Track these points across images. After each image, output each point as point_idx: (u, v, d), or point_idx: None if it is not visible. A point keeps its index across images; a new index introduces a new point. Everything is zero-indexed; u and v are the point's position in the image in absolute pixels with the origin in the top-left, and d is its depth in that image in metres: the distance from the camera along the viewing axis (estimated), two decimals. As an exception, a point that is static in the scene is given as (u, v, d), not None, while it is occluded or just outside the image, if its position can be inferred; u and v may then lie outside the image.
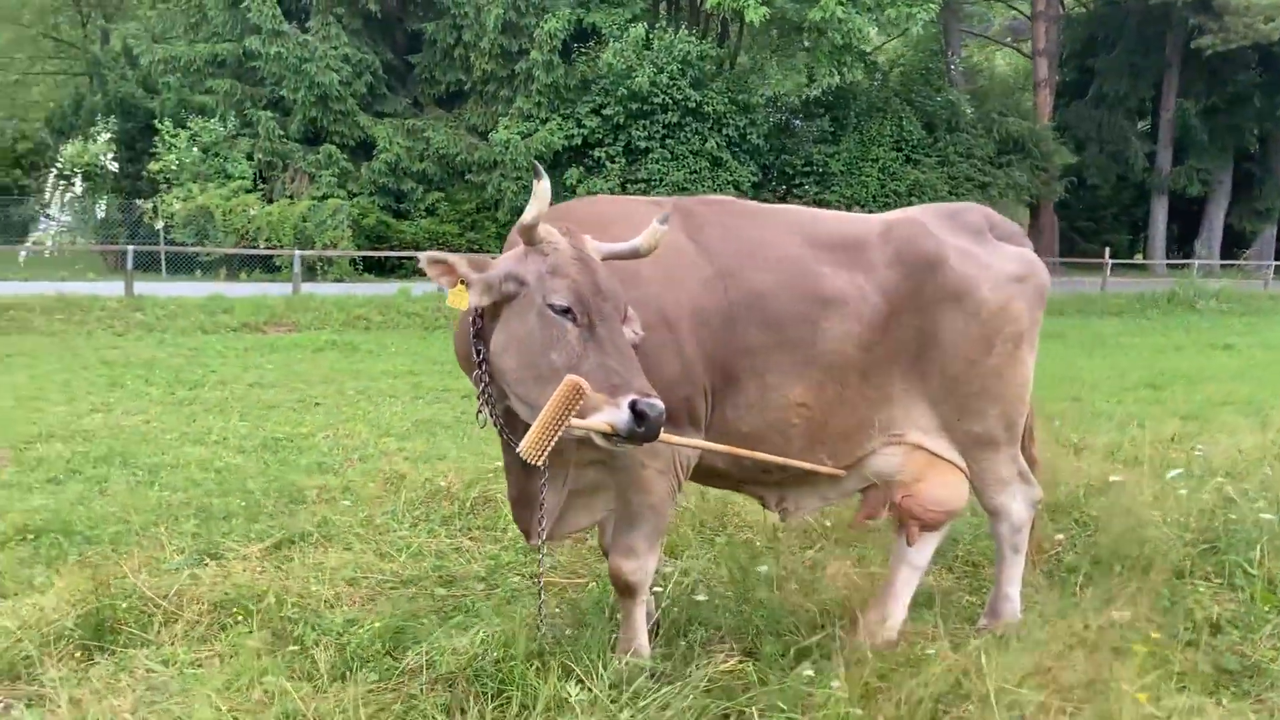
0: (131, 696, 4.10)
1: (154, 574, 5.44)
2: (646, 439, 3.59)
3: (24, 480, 7.75)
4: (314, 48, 28.34)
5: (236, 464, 8.41)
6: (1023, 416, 4.89)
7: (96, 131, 27.88)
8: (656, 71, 28.91)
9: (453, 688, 4.07)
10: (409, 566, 5.88)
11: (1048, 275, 4.95)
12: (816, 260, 4.52)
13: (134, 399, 11.69)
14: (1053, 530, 6.27)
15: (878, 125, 32.67)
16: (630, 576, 4.34)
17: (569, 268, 3.78)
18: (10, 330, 17.46)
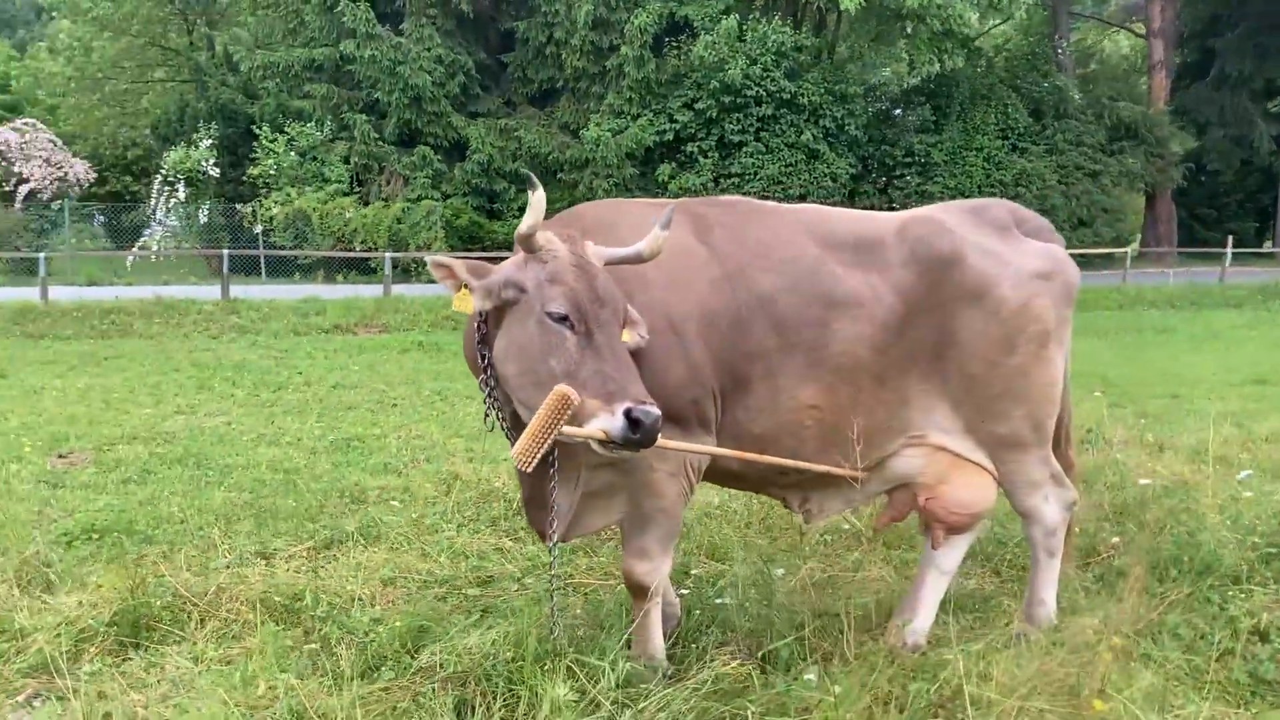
0: (153, 692, 4.13)
1: (199, 573, 5.47)
2: (642, 446, 3.61)
3: (100, 481, 7.88)
4: (407, 50, 28.56)
5: (306, 465, 8.44)
6: (1052, 418, 4.70)
7: (199, 138, 28.54)
8: (750, 63, 28.48)
9: (464, 686, 4.01)
10: (447, 567, 5.82)
11: (1076, 272, 4.73)
12: (828, 261, 4.43)
13: (218, 401, 11.81)
14: (1111, 533, 6.03)
15: (982, 113, 31.78)
16: (643, 579, 4.32)
17: (567, 275, 3.80)
18: (111, 333, 17.90)
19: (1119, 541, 5.98)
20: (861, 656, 4.26)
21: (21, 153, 29.31)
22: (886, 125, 32.55)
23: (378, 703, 3.93)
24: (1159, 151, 34.39)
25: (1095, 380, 12.65)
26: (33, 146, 29.67)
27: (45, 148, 30.05)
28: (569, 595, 5.42)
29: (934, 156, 30.87)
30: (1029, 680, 3.84)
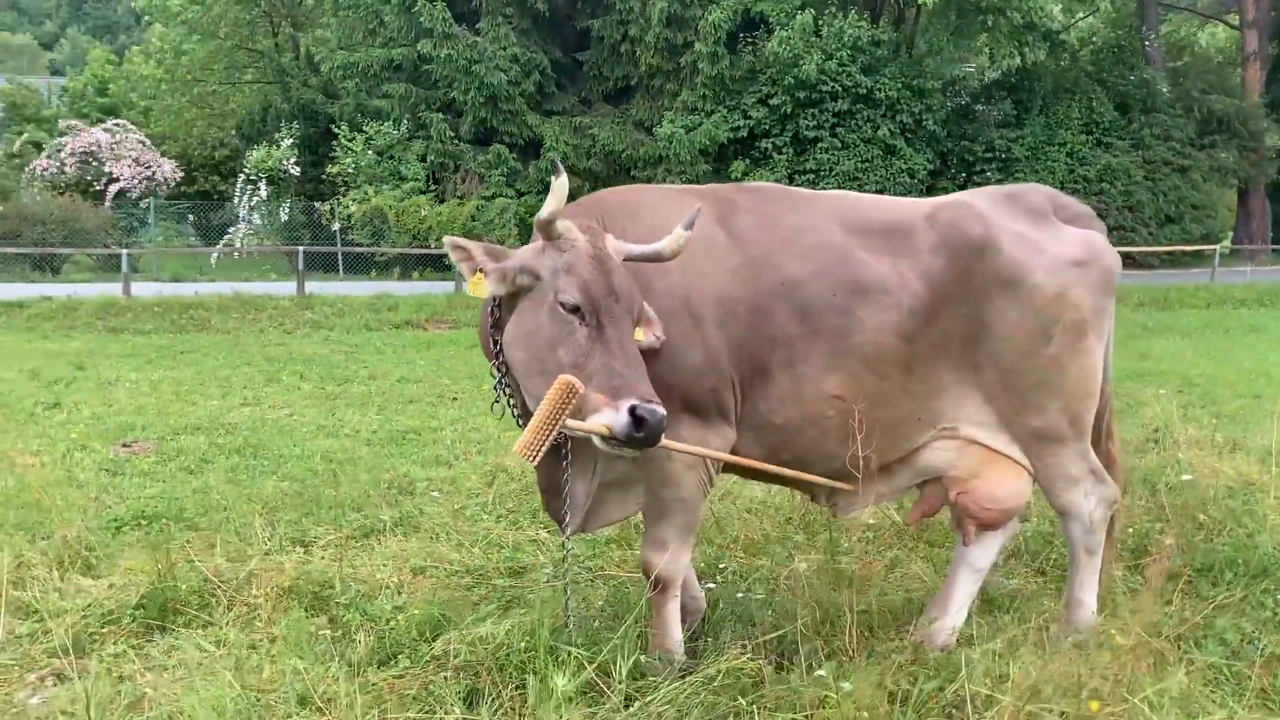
0: (169, 675, 4.18)
1: (235, 559, 5.56)
2: (645, 445, 3.60)
3: (158, 469, 8.07)
4: (483, 49, 28.80)
5: (359, 456, 8.53)
6: (1090, 411, 4.54)
7: (280, 137, 29.12)
8: (825, 58, 28.20)
9: (475, 676, 3.99)
10: (479, 557, 5.84)
11: (1115, 259, 4.56)
12: (855, 247, 4.32)
13: (284, 393, 12.01)
14: (1166, 533, 5.85)
15: (1065, 107, 31.04)
16: (661, 571, 4.26)
17: (583, 267, 3.77)
18: (189, 328, 18.33)
19: (1173, 543, 5.83)
20: (882, 654, 4.16)
21: (112, 153, 30.24)
22: (966, 120, 31.96)
23: (387, 690, 3.92)
24: (1253, 145, 33.25)
25: (1176, 379, 12.29)
26: (123, 147, 30.58)
27: (135, 148, 30.97)
28: (598, 586, 5.40)
29: (1015, 152, 30.22)
30: (1044, 682, 3.72)
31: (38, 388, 11.92)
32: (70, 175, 29.56)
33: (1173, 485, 6.83)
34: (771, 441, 4.30)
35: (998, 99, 31.53)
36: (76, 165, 29.89)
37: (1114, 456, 4.88)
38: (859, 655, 4.17)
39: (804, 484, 4.54)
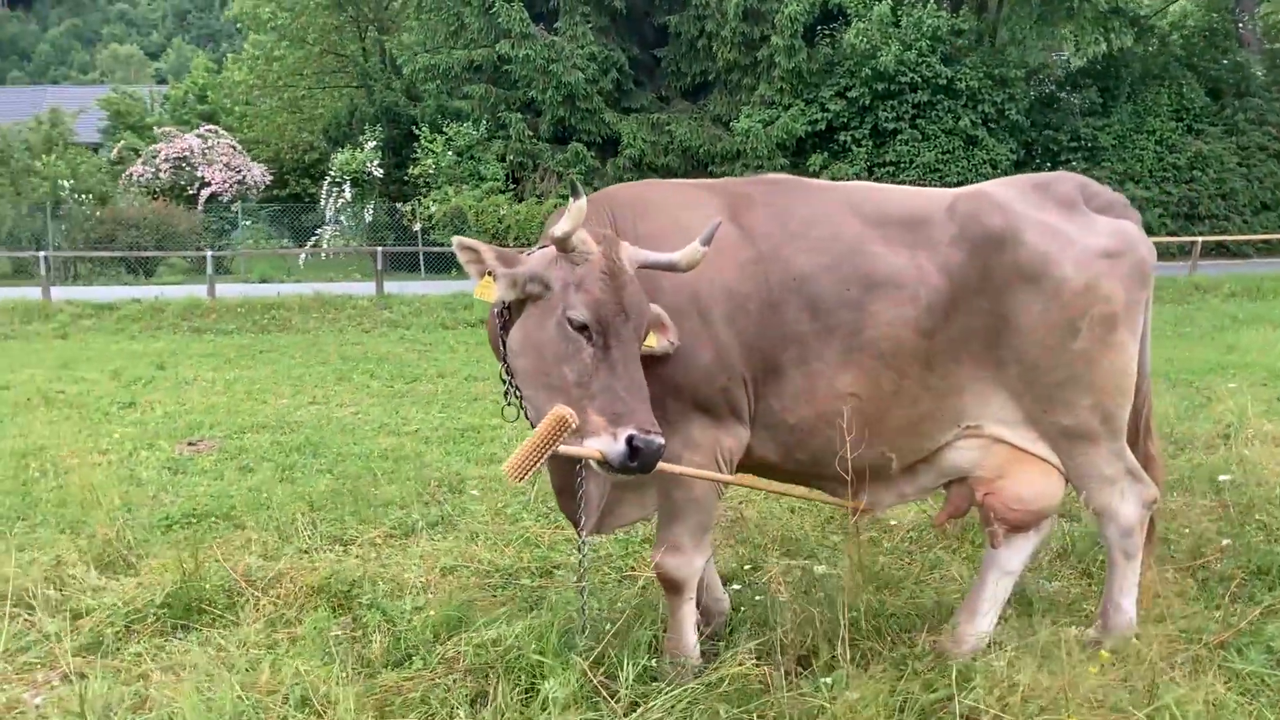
0: (180, 675, 4.20)
1: (271, 558, 5.66)
2: (639, 472, 3.57)
3: (218, 467, 8.27)
4: (560, 48, 28.97)
5: (416, 453, 8.64)
6: (1124, 408, 4.35)
7: (364, 139, 29.63)
8: (904, 49, 27.78)
9: (484, 678, 4.00)
10: (510, 557, 5.85)
11: (1149, 250, 4.38)
12: (870, 239, 4.20)
13: (353, 392, 12.23)
14: (1224, 534, 5.70)
15: (1154, 94, 30.13)
16: (675, 573, 4.22)
17: (594, 283, 3.70)
18: (271, 328, 18.77)
19: (1229, 544, 5.62)
20: (896, 661, 4.10)
21: (204, 158, 31.11)
22: (1051, 109, 31.16)
23: (392, 692, 3.94)
24: (1355, 129, 31.89)
25: (1262, 372, 11.84)
26: (214, 152, 31.44)
27: (226, 152, 31.81)
28: (627, 587, 5.39)
29: (1101, 140, 29.43)
30: (1056, 691, 3.62)
31: (117, 388, 12.32)
32: (164, 180, 30.50)
33: (1237, 484, 6.63)
34: (786, 441, 4.23)
35: (1083, 86, 30.69)
36: (170, 170, 30.82)
37: (1153, 456, 4.69)
38: (875, 661, 4.11)
39: (824, 481, 4.44)
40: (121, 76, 73.43)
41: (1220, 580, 5.09)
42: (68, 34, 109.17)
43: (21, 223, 25.18)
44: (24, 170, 27.90)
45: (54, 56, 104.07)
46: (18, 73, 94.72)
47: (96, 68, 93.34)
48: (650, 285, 4.01)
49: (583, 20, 29.78)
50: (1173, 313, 20.00)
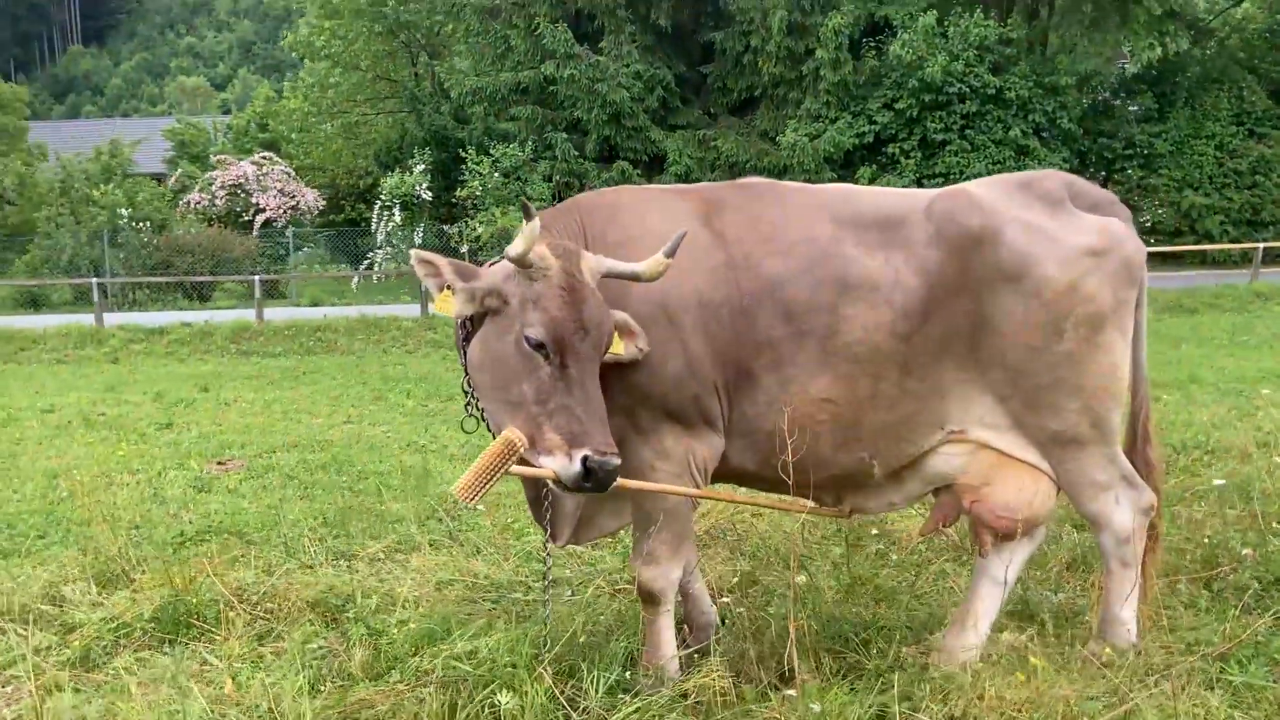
0: (156, 689, 4.21)
1: (266, 574, 5.65)
2: (593, 491, 3.58)
3: (243, 486, 8.35)
4: (605, 67, 29.09)
5: (439, 470, 8.63)
6: (1114, 411, 4.20)
7: (413, 163, 29.94)
8: (951, 59, 27.47)
9: (456, 691, 3.94)
10: (505, 570, 5.80)
11: (1138, 248, 4.23)
12: (844, 241, 4.13)
13: (387, 411, 12.30)
14: (1245, 544, 5.49)
15: (1213, 98, 29.49)
16: (651, 584, 4.17)
17: (552, 301, 3.67)
18: (317, 350, 19.01)
19: (1250, 554, 5.43)
20: (882, 671, 4.01)
21: (259, 184, 31.69)
22: (1105, 117, 30.60)
23: (363, 705, 3.91)
24: None
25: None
26: (269, 178, 32.02)
27: (280, 179, 32.38)
28: (619, 601, 5.32)
29: (1158, 147, 28.85)
30: (1022, 702, 3.50)
31: (158, 410, 12.52)
32: (220, 207, 31.11)
33: (1269, 493, 6.41)
34: (763, 448, 4.15)
35: (1138, 92, 30.10)
36: (226, 197, 31.44)
37: (1152, 462, 4.53)
38: (858, 675, 4.04)
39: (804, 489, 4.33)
40: (188, 108, 75.17)
41: (1235, 590, 4.91)
42: (138, 68, 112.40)
43: (80, 251, 25.82)
44: (83, 200, 28.62)
45: (125, 90, 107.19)
46: (91, 106, 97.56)
47: (165, 99, 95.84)
48: (618, 292, 3.97)
49: (628, 39, 29.88)
50: (1231, 321, 19.58)
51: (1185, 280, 24.16)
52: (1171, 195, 28.63)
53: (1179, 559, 5.38)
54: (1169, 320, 19.65)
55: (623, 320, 3.89)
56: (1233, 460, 7.60)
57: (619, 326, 3.88)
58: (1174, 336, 17.03)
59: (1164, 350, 14.93)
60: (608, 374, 3.89)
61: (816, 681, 3.79)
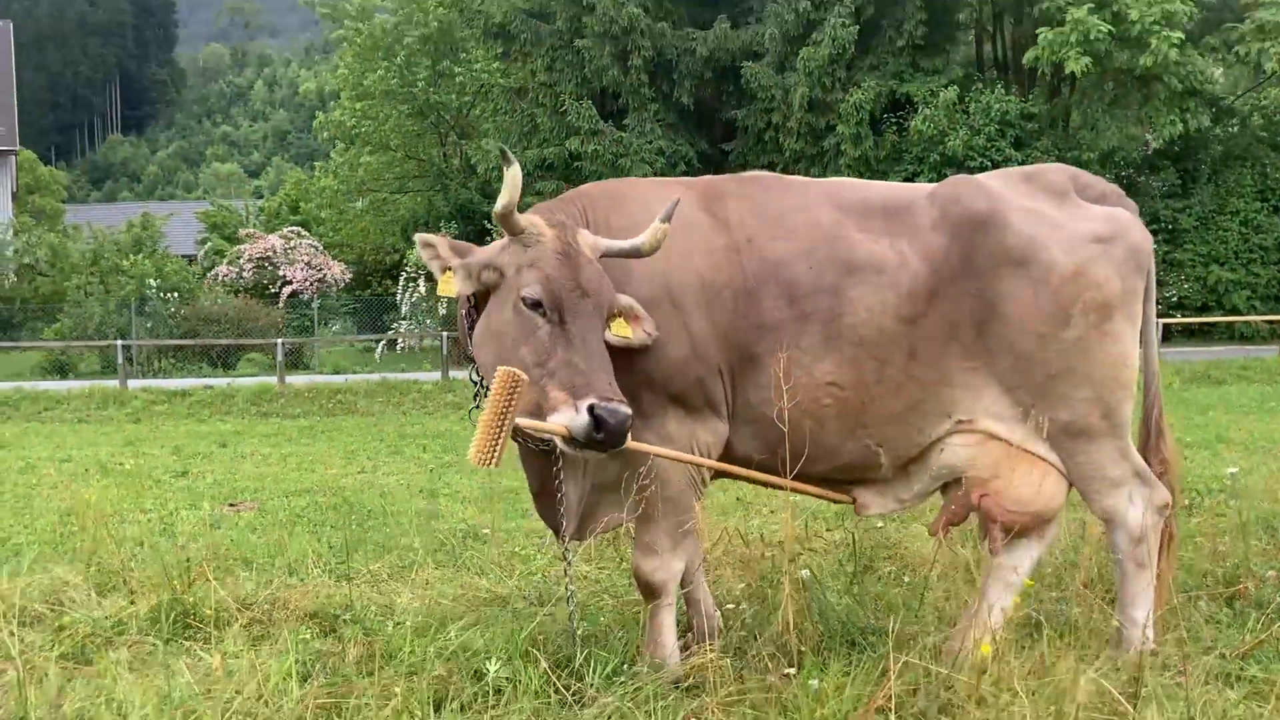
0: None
1: (264, 587, 5.58)
2: (607, 446, 3.48)
3: (254, 523, 8.26)
4: (629, 144, 29.49)
5: (448, 511, 8.58)
6: (1125, 403, 4.14)
7: (441, 234, 30.24)
8: (972, 134, 27.66)
9: (450, 680, 3.87)
10: (508, 586, 5.72)
11: (1145, 237, 4.21)
12: (846, 226, 4.11)
13: (402, 463, 12.28)
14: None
15: (1236, 174, 29.48)
16: (652, 576, 4.09)
17: (547, 262, 3.68)
18: (336, 411, 19.02)
19: (1274, 575, 5.30)
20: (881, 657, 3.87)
21: (286, 257, 32.12)
22: (1129, 192, 30.14)
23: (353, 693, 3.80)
24: None
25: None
26: (296, 252, 32.45)
27: (308, 252, 32.81)
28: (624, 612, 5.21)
29: (1182, 222, 28.79)
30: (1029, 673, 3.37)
31: (175, 460, 12.53)
32: (248, 280, 31.50)
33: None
34: (767, 435, 4.08)
35: (1161, 168, 30.17)
36: (254, 270, 31.86)
37: (1168, 459, 4.45)
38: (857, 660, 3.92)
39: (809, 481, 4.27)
40: (222, 193, 76.52)
41: (1257, 607, 4.75)
42: (174, 155, 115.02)
43: (108, 319, 26.12)
44: (113, 269, 29.07)
45: (161, 177, 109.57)
46: (127, 193, 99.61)
47: (200, 185, 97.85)
48: (621, 276, 3.96)
49: (652, 117, 30.34)
50: (1260, 390, 19.35)
51: (1212, 354, 23.99)
52: (1198, 270, 28.50)
53: (1200, 580, 5.24)
54: (1196, 390, 19.43)
55: (629, 304, 3.88)
56: (1258, 499, 7.44)
57: (626, 311, 3.86)
58: (1201, 404, 16.83)
59: (1191, 415, 14.74)
60: (611, 357, 3.85)
61: (816, 660, 3.66)
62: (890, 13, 29.35)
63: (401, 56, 36.52)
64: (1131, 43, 25.04)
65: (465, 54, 36.30)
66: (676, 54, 30.03)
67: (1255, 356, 23.48)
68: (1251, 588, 5.06)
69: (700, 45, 29.84)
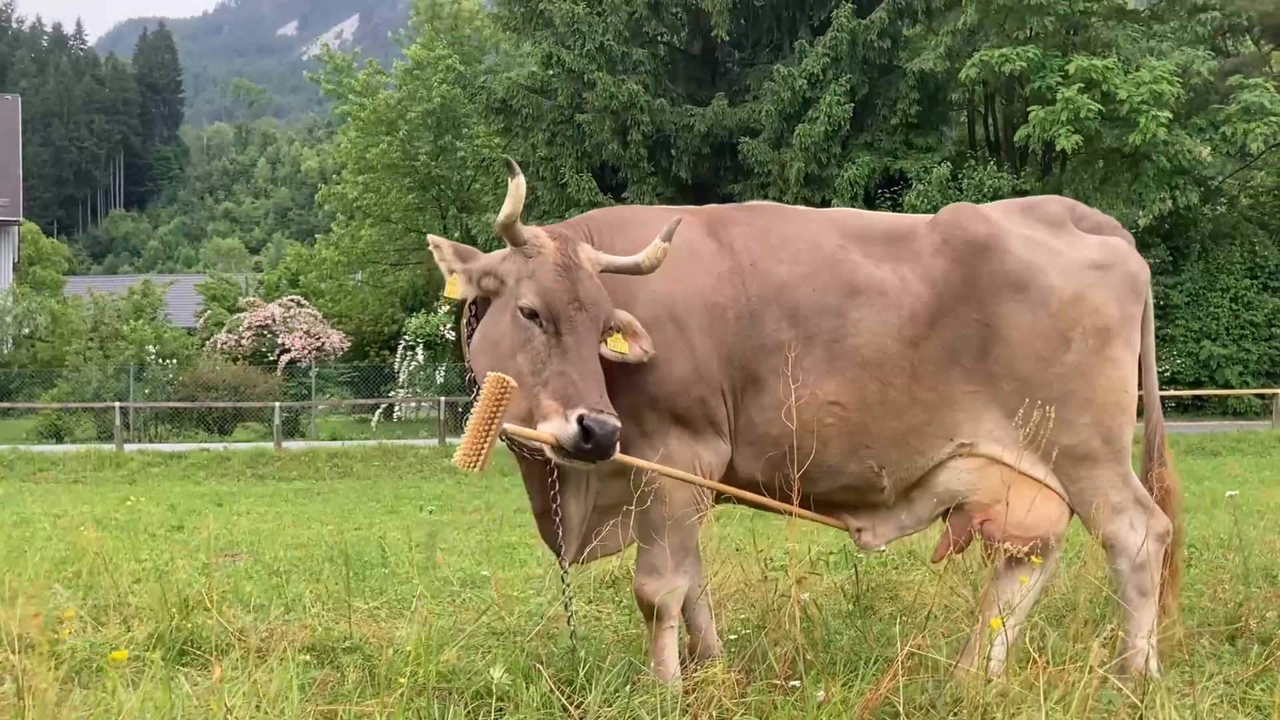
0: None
1: (262, 621, 5.60)
2: (594, 456, 3.53)
3: (249, 570, 8.24)
4: (627, 215, 29.73)
5: (451, 563, 8.53)
6: (1126, 428, 4.21)
7: (438, 305, 30.46)
8: (965, 213, 27.89)
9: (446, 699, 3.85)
10: (507, 621, 5.66)
11: (1141, 266, 4.32)
12: (849, 251, 4.21)
13: (399, 520, 12.25)
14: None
15: (1226, 252, 29.79)
16: (653, 598, 4.05)
17: (545, 274, 3.74)
18: (333, 475, 19.02)
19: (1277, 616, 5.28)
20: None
21: (285, 325, 32.25)
22: (1122, 269, 30.82)
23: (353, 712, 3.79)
24: None
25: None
26: (295, 320, 32.60)
27: (306, 321, 32.96)
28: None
29: (1173, 298, 29.02)
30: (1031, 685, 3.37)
31: (171, 516, 12.50)
32: (246, 348, 31.59)
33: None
34: (771, 456, 4.11)
35: (1152, 245, 30.52)
36: (252, 338, 31.97)
37: (1168, 486, 4.50)
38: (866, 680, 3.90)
39: (821, 510, 4.32)
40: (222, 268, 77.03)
41: (1260, 643, 4.70)
42: (176, 231, 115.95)
43: (106, 385, 26.15)
44: (113, 335, 29.18)
45: (162, 252, 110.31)
46: (128, 267, 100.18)
47: (200, 261, 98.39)
48: (626, 296, 4.02)
49: (650, 191, 30.65)
50: (1254, 462, 19.47)
51: (1206, 428, 24.07)
52: (1190, 346, 28.67)
53: (1202, 619, 5.24)
54: (1190, 461, 19.48)
55: (627, 321, 3.93)
56: (1258, 550, 7.46)
57: (624, 328, 3.92)
58: (1196, 475, 16.86)
59: (1187, 484, 14.67)
60: (614, 378, 3.91)
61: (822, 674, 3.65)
62: (884, 92, 29.85)
63: (404, 131, 37.09)
64: (1120, 122, 25.47)
65: (467, 129, 36.89)
66: (675, 129, 30.47)
67: (1248, 429, 23.56)
68: (1253, 626, 5.05)
69: (699, 121, 30.29)
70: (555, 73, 30.53)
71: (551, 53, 30.12)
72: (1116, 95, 25.06)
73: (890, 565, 6.64)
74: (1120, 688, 3.37)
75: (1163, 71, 25.09)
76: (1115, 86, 25.06)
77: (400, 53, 41.45)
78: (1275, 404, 24.93)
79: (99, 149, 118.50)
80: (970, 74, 26.42)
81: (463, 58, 38.40)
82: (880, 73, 29.71)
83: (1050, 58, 26.22)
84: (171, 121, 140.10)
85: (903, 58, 29.63)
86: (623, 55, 29.75)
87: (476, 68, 39.43)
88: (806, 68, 28.82)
